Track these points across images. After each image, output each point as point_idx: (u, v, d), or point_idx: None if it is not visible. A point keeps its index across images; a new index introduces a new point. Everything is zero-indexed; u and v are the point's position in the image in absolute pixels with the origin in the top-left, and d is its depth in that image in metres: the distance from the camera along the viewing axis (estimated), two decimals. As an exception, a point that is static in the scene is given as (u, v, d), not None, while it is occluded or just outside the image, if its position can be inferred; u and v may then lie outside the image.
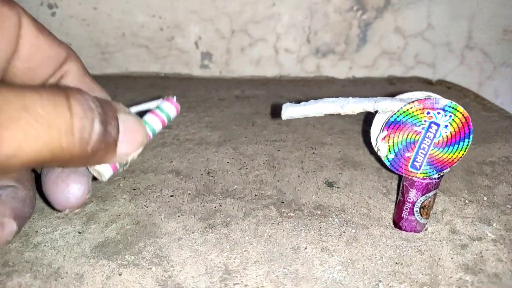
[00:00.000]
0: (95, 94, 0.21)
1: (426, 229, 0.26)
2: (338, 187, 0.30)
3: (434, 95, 0.24)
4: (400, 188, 0.26)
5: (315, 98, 0.24)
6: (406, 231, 0.26)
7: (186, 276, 0.22)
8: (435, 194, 0.25)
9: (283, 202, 0.28)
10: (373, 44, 0.54)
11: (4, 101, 0.15)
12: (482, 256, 0.24)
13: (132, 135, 0.20)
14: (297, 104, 0.24)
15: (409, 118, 0.24)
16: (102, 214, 0.27)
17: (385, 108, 0.24)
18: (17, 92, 0.15)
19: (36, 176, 0.24)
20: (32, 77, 0.22)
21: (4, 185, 0.21)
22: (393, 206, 0.28)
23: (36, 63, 0.22)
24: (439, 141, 0.24)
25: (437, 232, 0.26)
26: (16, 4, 0.21)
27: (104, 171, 0.21)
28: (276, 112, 0.42)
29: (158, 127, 0.22)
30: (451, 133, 0.24)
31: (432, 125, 0.24)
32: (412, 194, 0.25)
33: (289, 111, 0.24)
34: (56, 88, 0.17)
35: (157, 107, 0.22)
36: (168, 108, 0.22)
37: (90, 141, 0.17)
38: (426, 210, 0.25)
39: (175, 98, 0.23)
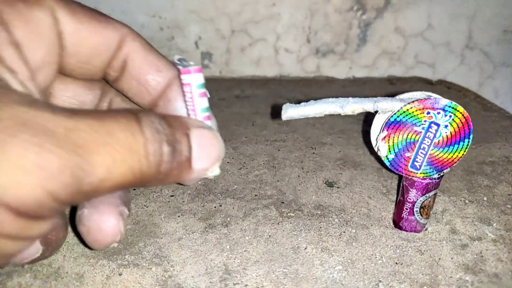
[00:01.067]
0: (159, 77, 0.21)
1: (426, 229, 0.26)
2: (338, 187, 0.30)
3: (434, 95, 0.24)
4: (400, 188, 0.26)
5: (315, 98, 0.24)
6: (406, 231, 0.26)
7: (186, 276, 0.22)
8: (435, 194, 0.25)
9: (283, 202, 0.28)
10: (373, 44, 0.54)
11: (91, 128, 0.15)
12: (482, 256, 0.24)
13: (208, 150, 0.20)
14: (297, 105, 0.24)
15: (409, 118, 0.24)
16: (102, 214, 0.27)
17: (385, 108, 0.24)
18: (98, 118, 0.16)
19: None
20: (90, 69, 0.21)
21: None
22: (393, 206, 0.28)
23: (85, 55, 0.20)
24: (439, 141, 0.24)
25: (437, 232, 0.26)
26: (46, 1, 0.19)
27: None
28: (276, 112, 0.42)
29: (206, 103, 0.21)
30: (451, 133, 0.24)
31: (432, 125, 0.24)
32: (412, 194, 0.25)
33: (289, 112, 0.24)
34: (128, 113, 0.17)
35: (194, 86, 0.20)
36: (198, 78, 0.20)
37: (161, 162, 0.17)
38: (426, 210, 0.25)
39: (192, 64, 0.20)
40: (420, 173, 0.25)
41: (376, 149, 0.25)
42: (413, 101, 0.23)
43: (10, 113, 0.14)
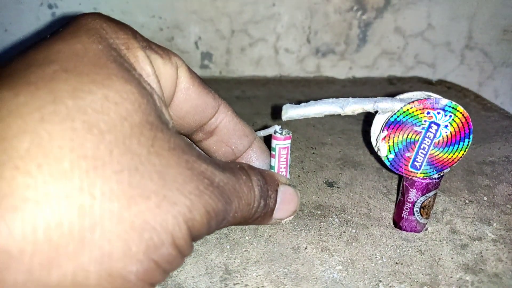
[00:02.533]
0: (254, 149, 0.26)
1: (426, 229, 0.26)
2: (338, 187, 0.30)
3: (434, 95, 0.24)
4: (400, 188, 0.26)
5: (315, 98, 0.24)
6: (406, 231, 0.26)
7: (186, 276, 0.22)
8: (435, 194, 0.25)
9: (283, 202, 0.28)
10: (373, 44, 0.54)
11: (231, 182, 0.20)
12: (482, 256, 0.24)
13: (288, 205, 0.24)
14: (297, 105, 0.24)
15: (409, 118, 0.24)
16: (103, 214, 0.27)
17: (385, 108, 0.24)
18: (233, 173, 0.20)
19: None
20: (182, 124, 0.24)
21: None
22: (393, 206, 0.28)
23: (184, 111, 0.23)
24: (439, 141, 0.24)
25: (437, 232, 0.26)
26: (173, 53, 0.22)
27: None
28: (276, 113, 0.42)
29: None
30: (451, 133, 0.24)
31: (432, 125, 0.24)
32: (412, 194, 0.25)
33: (289, 112, 0.24)
34: (244, 170, 0.21)
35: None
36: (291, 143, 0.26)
37: (256, 212, 0.22)
38: (426, 210, 0.25)
39: (290, 132, 0.26)
40: (420, 173, 0.25)
41: (376, 149, 0.25)
42: (413, 101, 0.23)
43: (195, 170, 0.18)
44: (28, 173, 0.14)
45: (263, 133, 0.27)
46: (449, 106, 0.23)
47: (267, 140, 0.27)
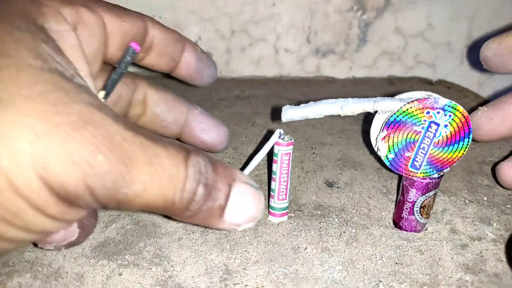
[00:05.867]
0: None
1: (426, 229, 0.26)
2: (338, 187, 0.30)
3: (433, 95, 0.24)
4: (400, 188, 0.26)
5: (315, 98, 0.24)
6: (406, 231, 0.26)
7: (186, 276, 0.22)
8: (435, 194, 0.25)
9: (283, 202, 0.28)
10: (373, 44, 0.54)
11: (142, 145, 0.16)
12: (482, 256, 0.24)
13: (245, 207, 0.20)
14: (297, 107, 0.24)
15: (408, 118, 0.24)
16: (102, 214, 0.27)
17: (384, 108, 0.24)
18: (152, 139, 0.17)
19: None
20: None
21: None
22: (393, 206, 0.28)
23: (122, 44, 0.24)
24: (439, 140, 0.24)
25: (437, 232, 0.26)
26: (99, 6, 0.23)
27: None
28: (276, 114, 0.42)
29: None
30: (450, 132, 0.24)
31: (432, 124, 0.24)
32: (412, 194, 0.25)
33: (289, 114, 0.24)
34: (180, 147, 0.18)
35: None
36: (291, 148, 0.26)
37: (192, 201, 0.18)
38: (426, 210, 0.25)
39: (291, 138, 0.26)
40: (420, 173, 0.25)
41: (376, 149, 0.25)
42: (412, 101, 0.23)
43: (80, 111, 0.15)
44: None
45: (269, 143, 0.26)
46: (449, 106, 0.23)
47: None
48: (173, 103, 0.29)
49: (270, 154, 0.26)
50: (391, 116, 0.24)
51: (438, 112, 0.23)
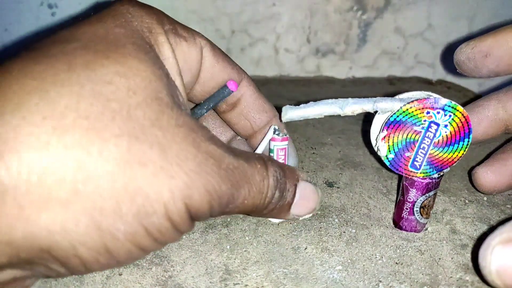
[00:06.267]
0: (272, 125, 0.26)
1: (426, 229, 0.26)
2: (338, 187, 0.30)
3: (433, 95, 0.24)
4: (400, 188, 0.26)
5: (315, 98, 0.24)
6: (406, 231, 0.26)
7: (186, 276, 0.22)
8: (435, 194, 0.25)
9: (283, 202, 0.28)
10: (373, 44, 0.54)
11: (243, 168, 0.20)
12: (482, 256, 0.24)
13: (307, 201, 0.24)
14: (297, 107, 0.24)
15: (408, 118, 0.24)
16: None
17: (384, 108, 0.24)
18: (246, 160, 0.21)
19: None
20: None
21: None
22: (393, 206, 0.28)
23: (211, 87, 0.25)
24: (439, 140, 0.24)
25: (437, 232, 0.26)
26: (198, 34, 0.24)
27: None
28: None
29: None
30: (450, 132, 0.24)
31: (432, 124, 0.24)
32: (412, 194, 0.25)
33: (289, 114, 0.24)
34: (260, 159, 0.22)
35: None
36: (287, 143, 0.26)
37: (269, 204, 0.22)
38: (426, 210, 0.25)
39: (286, 133, 0.26)
40: (420, 173, 0.25)
41: (376, 149, 0.25)
42: (412, 101, 0.23)
43: (206, 149, 0.19)
44: (33, 123, 0.15)
45: (265, 140, 0.26)
46: (449, 106, 0.23)
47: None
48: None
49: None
50: (391, 116, 0.24)
51: (438, 112, 0.23)
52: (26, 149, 0.15)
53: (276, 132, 0.26)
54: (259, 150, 0.26)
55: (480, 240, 0.25)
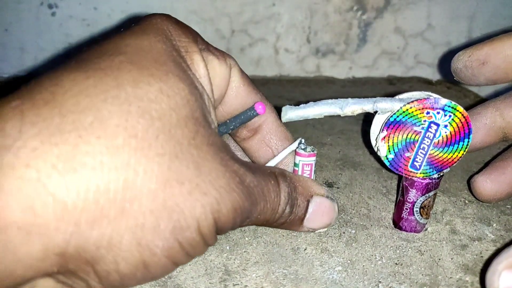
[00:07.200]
0: (286, 147, 0.26)
1: (426, 229, 0.26)
2: (338, 187, 0.30)
3: (433, 95, 0.24)
4: (400, 188, 0.26)
5: (315, 99, 0.24)
6: (406, 231, 0.26)
7: (186, 277, 0.22)
8: (435, 194, 0.25)
9: (283, 203, 0.28)
10: (373, 44, 0.54)
11: (260, 185, 0.21)
12: (482, 256, 0.24)
13: (321, 217, 0.24)
14: (297, 107, 0.24)
15: (408, 118, 0.24)
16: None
17: (384, 108, 0.24)
18: (263, 177, 0.21)
19: None
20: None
21: None
22: (393, 206, 0.28)
23: (234, 108, 0.25)
24: (438, 141, 0.24)
25: (437, 232, 0.26)
26: (228, 55, 0.24)
27: None
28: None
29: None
30: (450, 133, 0.24)
31: (432, 125, 0.24)
32: (412, 194, 0.25)
33: (289, 114, 0.24)
34: (273, 175, 0.22)
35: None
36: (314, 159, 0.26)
37: (280, 217, 0.23)
38: (426, 210, 0.25)
39: (313, 149, 0.26)
40: (420, 173, 0.25)
41: (375, 149, 0.25)
42: (412, 101, 0.23)
43: (232, 169, 0.20)
44: (89, 142, 0.16)
45: (284, 152, 0.26)
46: (449, 106, 0.23)
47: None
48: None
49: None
50: (391, 116, 0.24)
51: (438, 112, 0.23)
52: (83, 168, 0.16)
53: (303, 146, 0.25)
54: (274, 161, 0.26)
55: (480, 241, 0.25)
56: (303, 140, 0.26)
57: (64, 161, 0.16)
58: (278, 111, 0.25)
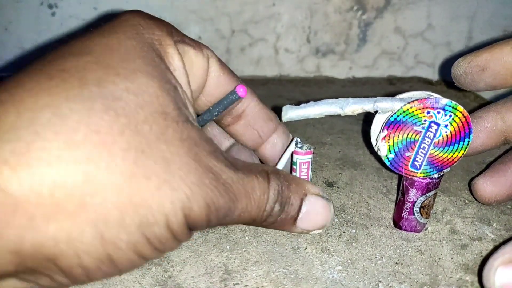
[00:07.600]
0: (280, 135, 0.27)
1: (426, 229, 0.26)
2: (338, 187, 0.30)
3: (434, 95, 0.24)
4: (400, 188, 0.26)
5: (315, 98, 0.24)
6: (406, 231, 0.26)
7: (186, 276, 0.22)
8: (435, 194, 0.25)
9: (283, 202, 0.28)
10: (373, 44, 0.54)
11: (243, 182, 0.20)
12: (482, 256, 0.24)
13: (315, 217, 0.23)
14: (297, 106, 0.24)
15: (409, 118, 0.24)
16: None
17: (385, 108, 0.24)
18: (247, 174, 0.21)
19: None
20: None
21: None
22: (393, 206, 0.28)
23: (216, 97, 0.25)
24: (439, 140, 0.24)
25: (437, 232, 0.26)
26: (205, 46, 0.24)
27: None
28: (276, 113, 0.42)
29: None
30: (451, 132, 0.24)
31: (432, 124, 0.24)
32: (412, 194, 0.25)
33: (289, 113, 0.24)
34: (263, 172, 0.22)
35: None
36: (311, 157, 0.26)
37: (269, 216, 0.22)
38: (426, 210, 0.25)
39: (310, 147, 0.26)
40: (420, 173, 0.25)
41: (376, 149, 0.25)
42: (413, 101, 0.23)
43: (207, 164, 0.19)
44: (46, 138, 0.16)
45: (286, 154, 0.26)
46: (449, 106, 0.23)
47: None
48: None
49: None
50: (392, 116, 0.24)
51: (438, 112, 0.23)
52: (38, 163, 0.16)
53: (299, 145, 0.25)
54: (280, 165, 0.26)
55: (480, 240, 0.25)
56: (299, 139, 0.26)
57: (18, 156, 0.16)
58: (278, 111, 0.25)
